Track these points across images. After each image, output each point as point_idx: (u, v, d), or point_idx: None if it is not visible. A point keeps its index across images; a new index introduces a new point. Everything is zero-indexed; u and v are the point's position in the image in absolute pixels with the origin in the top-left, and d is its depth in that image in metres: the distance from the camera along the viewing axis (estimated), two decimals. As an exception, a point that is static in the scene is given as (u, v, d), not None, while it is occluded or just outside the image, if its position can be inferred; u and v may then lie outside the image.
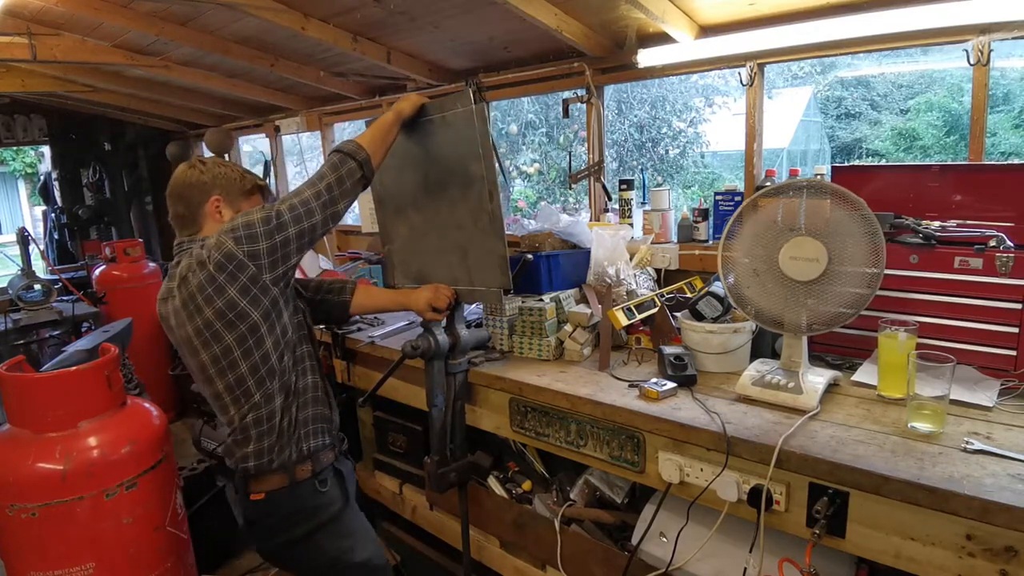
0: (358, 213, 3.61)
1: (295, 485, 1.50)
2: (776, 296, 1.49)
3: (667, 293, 2.07)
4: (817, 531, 1.23)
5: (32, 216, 11.66)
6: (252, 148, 4.94)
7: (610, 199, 2.55)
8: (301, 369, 1.53)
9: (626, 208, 2.46)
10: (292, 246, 1.42)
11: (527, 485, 2.06)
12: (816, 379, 1.50)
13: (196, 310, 1.38)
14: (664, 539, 1.57)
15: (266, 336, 1.43)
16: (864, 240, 1.37)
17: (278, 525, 1.52)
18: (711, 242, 2.27)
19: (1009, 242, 1.51)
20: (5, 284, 3.45)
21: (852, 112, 11.77)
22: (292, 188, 1.72)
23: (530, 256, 2.03)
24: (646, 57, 2.20)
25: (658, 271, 2.31)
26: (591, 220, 2.60)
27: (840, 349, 1.75)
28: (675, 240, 2.36)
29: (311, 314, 1.75)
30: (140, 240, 4.35)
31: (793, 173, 2.09)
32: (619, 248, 2.15)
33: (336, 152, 1.54)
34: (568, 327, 1.96)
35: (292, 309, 1.52)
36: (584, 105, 2.49)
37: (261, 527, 1.53)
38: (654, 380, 1.64)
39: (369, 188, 1.91)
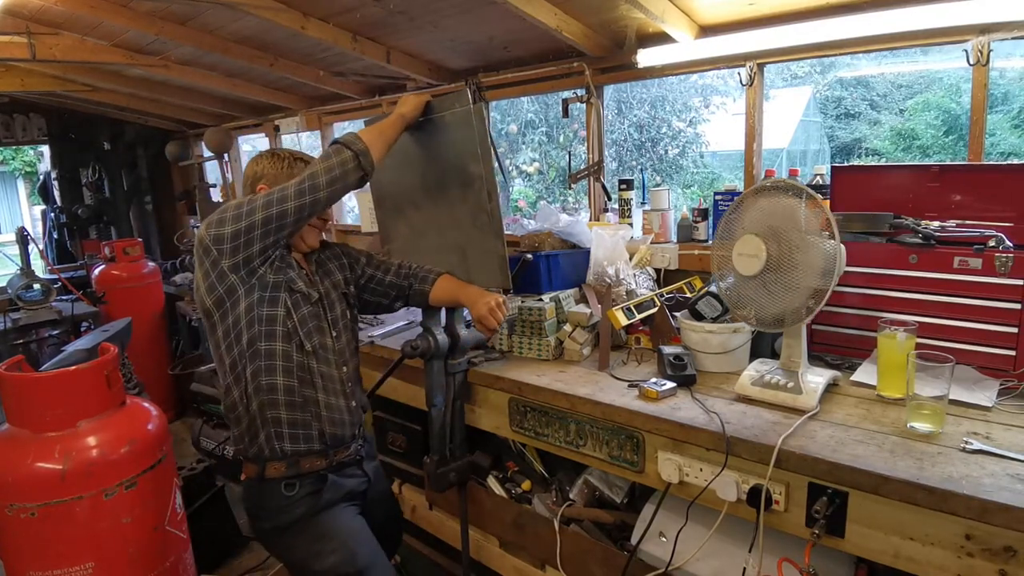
0: (358, 213, 3.61)
1: (262, 480, 1.49)
2: (735, 291, 1.53)
3: (667, 293, 2.07)
4: (816, 531, 1.23)
5: (31, 215, 11.65)
6: (252, 148, 4.93)
7: (609, 199, 2.55)
8: (265, 367, 1.46)
9: (625, 208, 2.46)
10: (256, 231, 1.40)
11: (526, 485, 2.06)
12: (815, 379, 1.51)
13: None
14: (663, 539, 1.57)
15: (218, 324, 1.47)
16: (817, 236, 1.39)
17: (251, 512, 1.54)
18: (710, 242, 2.27)
19: (1008, 242, 1.51)
20: (4, 283, 3.45)
21: (851, 112, 11.78)
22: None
23: (529, 256, 2.03)
24: (646, 57, 2.20)
25: (657, 271, 2.31)
26: (591, 220, 2.60)
27: (839, 349, 1.75)
28: (674, 240, 2.36)
29: (392, 296, 1.76)
30: (139, 240, 4.35)
31: (792, 173, 2.09)
32: (619, 248, 2.15)
33: (332, 143, 1.54)
34: (568, 327, 1.96)
35: (261, 302, 1.45)
36: (584, 105, 2.49)
37: (246, 509, 1.57)
38: (653, 380, 1.64)
39: (369, 188, 1.91)
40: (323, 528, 1.51)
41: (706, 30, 2.11)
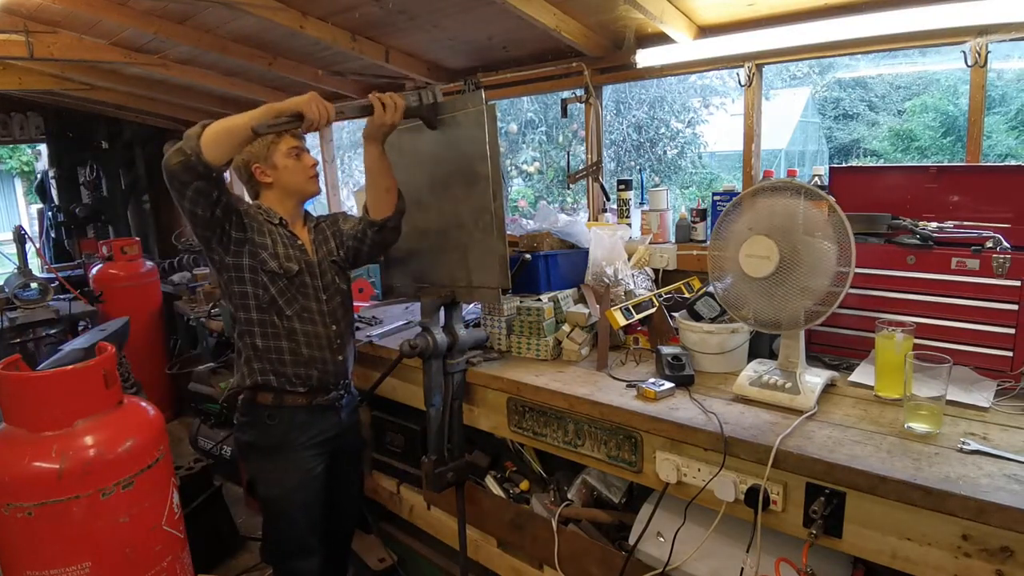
0: (357, 212, 3.60)
1: (254, 404, 1.80)
2: (742, 293, 1.51)
3: (665, 293, 2.07)
4: (814, 531, 1.23)
5: (28, 214, 11.61)
6: (250, 147, 4.92)
7: (608, 199, 2.55)
8: (248, 331, 1.77)
9: (624, 208, 2.46)
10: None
11: (524, 485, 2.06)
12: (813, 379, 1.51)
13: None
14: (661, 539, 1.57)
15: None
16: (830, 238, 1.39)
17: (238, 424, 1.85)
18: (709, 242, 2.28)
19: (1006, 243, 1.51)
20: (1, 282, 3.44)
21: (850, 113, 11.78)
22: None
23: (528, 256, 2.03)
24: (644, 57, 2.20)
25: (656, 271, 2.31)
26: (589, 220, 2.60)
27: (837, 350, 1.75)
28: (673, 240, 2.36)
29: (358, 239, 1.88)
30: (137, 239, 4.34)
31: (791, 174, 2.10)
32: (617, 248, 2.15)
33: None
34: (566, 327, 1.96)
35: (230, 281, 1.73)
36: (583, 105, 2.49)
37: (236, 419, 1.85)
38: (652, 380, 1.64)
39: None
40: (283, 463, 1.76)
41: (705, 31, 2.12)
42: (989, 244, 1.52)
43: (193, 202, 1.55)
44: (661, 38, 2.12)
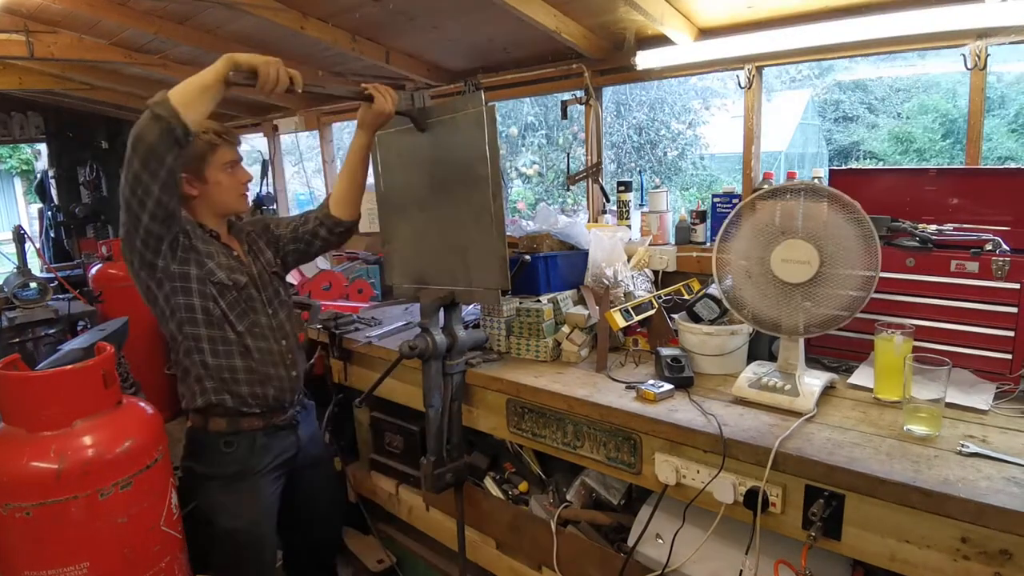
0: (356, 213, 3.60)
1: (206, 432, 1.73)
2: (769, 298, 1.49)
3: (664, 295, 2.07)
4: (813, 533, 1.23)
5: (28, 214, 11.61)
6: (250, 147, 4.93)
7: (608, 201, 2.55)
8: (196, 348, 1.66)
9: (624, 210, 2.46)
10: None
11: (523, 486, 2.05)
12: (813, 381, 1.51)
13: None
14: (660, 541, 1.57)
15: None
16: (858, 243, 1.38)
17: (188, 454, 1.78)
18: (708, 244, 2.28)
19: (1005, 246, 1.51)
20: (1, 282, 3.44)
21: (850, 115, 11.82)
22: (289, 188, 1.75)
23: (528, 257, 2.03)
24: (644, 59, 2.21)
25: (656, 273, 2.31)
26: (589, 221, 2.60)
27: (837, 352, 1.76)
28: (673, 242, 2.37)
29: (307, 240, 1.81)
30: (137, 239, 4.32)
31: (791, 176, 2.10)
32: (617, 250, 2.15)
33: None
34: (565, 328, 1.96)
35: (175, 292, 1.59)
36: (583, 107, 2.49)
37: (185, 448, 1.77)
38: (651, 382, 1.64)
39: (372, 187, 1.92)
40: (244, 492, 1.67)
41: (705, 32, 2.12)
42: (988, 247, 1.52)
43: (165, 186, 1.39)
44: (661, 40, 2.12)
